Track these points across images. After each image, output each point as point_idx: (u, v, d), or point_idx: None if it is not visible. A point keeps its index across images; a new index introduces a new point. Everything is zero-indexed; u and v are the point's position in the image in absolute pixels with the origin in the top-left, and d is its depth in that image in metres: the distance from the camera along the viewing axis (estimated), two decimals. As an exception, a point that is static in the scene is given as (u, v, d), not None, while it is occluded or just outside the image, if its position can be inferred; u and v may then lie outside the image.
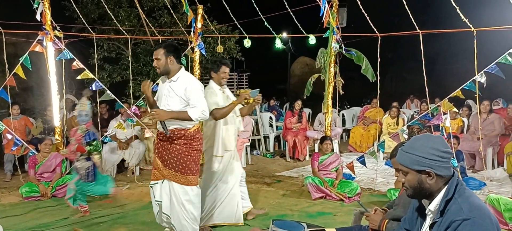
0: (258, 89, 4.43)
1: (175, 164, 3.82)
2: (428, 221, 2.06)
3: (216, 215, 4.50)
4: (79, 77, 6.39)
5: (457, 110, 7.10)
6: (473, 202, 1.90)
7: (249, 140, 8.46)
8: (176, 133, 3.81)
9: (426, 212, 2.07)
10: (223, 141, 4.34)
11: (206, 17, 7.46)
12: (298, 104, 9.01)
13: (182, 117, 3.71)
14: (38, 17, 6.13)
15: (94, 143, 4.74)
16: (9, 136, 6.23)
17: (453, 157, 5.39)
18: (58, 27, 6.34)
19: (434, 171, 1.95)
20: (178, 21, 8.36)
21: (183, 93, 3.70)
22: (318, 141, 6.80)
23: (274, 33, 6.95)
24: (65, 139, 6.66)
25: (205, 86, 4.16)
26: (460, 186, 1.96)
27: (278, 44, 7.04)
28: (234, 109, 4.38)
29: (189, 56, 6.92)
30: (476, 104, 6.65)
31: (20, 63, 6.04)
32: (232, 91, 14.85)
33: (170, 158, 3.83)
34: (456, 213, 1.86)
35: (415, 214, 2.19)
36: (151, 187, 4.06)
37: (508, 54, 5.01)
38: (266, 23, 6.80)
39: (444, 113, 5.54)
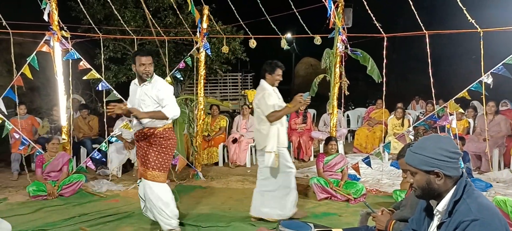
0: (308, 92, 4.59)
1: (145, 160, 4.12)
2: (435, 222, 2.06)
3: (281, 210, 4.60)
4: (85, 77, 6.43)
5: (463, 112, 7.08)
6: (482, 203, 1.90)
7: (253, 140, 8.45)
8: (145, 131, 4.13)
9: (434, 212, 2.07)
10: (278, 137, 4.50)
11: (212, 18, 7.47)
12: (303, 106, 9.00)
13: (157, 116, 4.04)
14: (45, 17, 6.17)
15: None
16: (16, 136, 6.27)
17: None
18: (65, 28, 6.38)
19: (443, 171, 1.96)
20: (183, 22, 8.38)
21: (156, 95, 4.05)
22: (323, 142, 6.80)
23: (280, 33, 6.96)
24: (71, 138, 6.71)
25: (207, 84, 4.35)
26: (469, 187, 1.96)
27: (284, 44, 7.04)
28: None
29: (195, 57, 6.94)
30: (482, 105, 6.63)
31: (27, 63, 6.09)
32: (236, 92, 14.86)
33: (142, 156, 4.15)
34: (465, 214, 1.86)
35: (423, 214, 2.19)
36: (138, 184, 4.36)
37: (515, 55, 5.00)
38: (271, 24, 6.80)
39: (450, 115, 5.52)
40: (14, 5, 8.95)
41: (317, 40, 6.67)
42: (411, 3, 5.46)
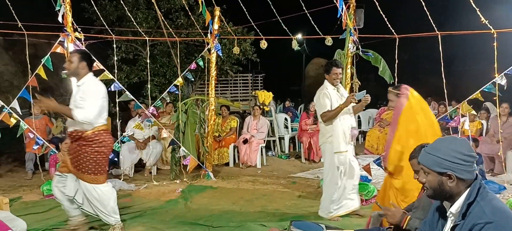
0: (365, 91, 4.61)
1: (77, 163, 4.06)
2: (449, 224, 2.05)
3: (344, 206, 4.77)
4: (98, 78, 6.49)
5: (475, 113, 7.01)
6: (496, 205, 1.88)
7: (264, 141, 8.48)
8: (74, 134, 4.05)
9: (448, 214, 2.05)
10: (343, 137, 4.59)
11: (223, 19, 7.51)
12: (313, 105, 9.01)
13: (66, 113, 4.01)
14: (60, 19, 6.25)
15: None
16: (31, 135, 6.37)
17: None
18: (78, 29, 6.46)
19: (456, 174, 1.94)
20: (195, 23, 8.43)
21: (79, 95, 3.99)
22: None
23: (290, 34, 6.96)
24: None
25: (217, 85, 4.40)
26: (483, 189, 1.94)
27: (294, 45, 7.04)
28: (348, 106, 4.58)
29: (206, 58, 6.98)
30: (496, 107, 6.55)
31: (41, 64, 6.18)
32: (247, 93, 14.89)
33: (73, 157, 4.08)
34: (479, 216, 1.85)
35: (436, 216, 2.18)
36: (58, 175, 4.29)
37: (529, 56, 4.94)
38: (282, 25, 6.81)
39: (463, 116, 5.48)
40: (29, 7, 9.09)
41: (328, 41, 6.66)
42: (423, 3, 5.42)
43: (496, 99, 5.42)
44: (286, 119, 10.21)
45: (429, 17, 5.47)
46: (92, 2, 7.42)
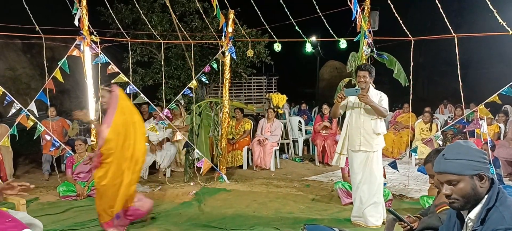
0: (358, 88, 4.43)
1: None
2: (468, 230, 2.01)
3: (355, 214, 4.73)
4: (113, 80, 6.57)
5: (492, 117, 6.88)
6: None
7: (278, 143, 8.47)
8: None
9: (466, 220, 2.00)
10: (348, 140, 4.64)
11: (237, 22, 7.53)
12: (325, 108, 8.97)
13: None
14: (76, 22, 6.35)
15: None
16: (48, 137, 6.47)
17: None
18: (95, 32, 6.55)
19: (487, 174, 1.89)
20: (209, 26, 8.47)
21: None
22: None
23: (304, 37, 6.95)
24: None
25: (231, 87, 4.39)
26: (502, 194, 1.90)
27: (308, 48, 7.02)
28: (366, 110, 4.53)
29: (220, 60, 7.00)
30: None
31: (58, 67, 6.28)
32: (260, 95, 14.82)
33: None
34: (498, 222, 1.81)
35: (453, 222, 2.14)
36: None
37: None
38: (296, 27, 6.79)
39: (480, 119, 5.38)
40: (47, 11, 9.25)
41: (343, 43, 6.62)
42: (439, 6, 5.35)
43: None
44: (300, 122, 10.18)
45: (446, 19, 5.39)
46: (108, 5, 7.50)
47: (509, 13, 5.65)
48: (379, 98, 4.52)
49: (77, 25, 6.38)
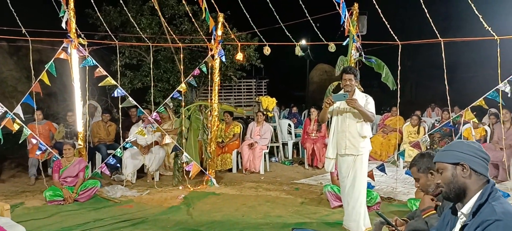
0: (345, 93, 4.39)
1: None
2: (459, 225, 2.06)
3: (346, 219, 4.65)
4: (101, 84, 6.53)
5: (477, 121, 6.97)
6: (507, 208, 1.90)
7: (267, 147, 8.47)
8: None
9: (459, 215, 2.07)
10: (334, 142, 4.62)
11: (227, 25, 7.53)
12: (313, 111, 8.98)
13: None
14: (63, 25, 6.29)
15: None
16: (34, 141, 6.39)
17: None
18: (82, 35, 6.49)
19: (469, 164, 1.99)
20: (198, 29, 8.45)
21: None
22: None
23: (294, 41, 6.97)
24: (87, 143, 6.81)
25: (221, 90, 4.32)
26: (495, 193, 1.97)
27: (298, 51, 7.05)
28: (351, 113, 4.50)
29: (209, 64, 6.99)
30: (500, 113, 6.52)
31: (45, 69, 6.21)
32: (250, 99, 14.79)
33: None
34: (489, 214, 1.87)
35: (446, 221, 2.19)
36: None
37: (533, 63, 4.91)
38: (286, 31, 6.82)
39: (466, 123, 5.45)
40: (33, 13, 9.14)
41: (331, 47, 6.66)
42: (426, 10, 5.42)
43: (500, 106, 5.38)
44: (289, 125, 10.20)
45: (432, 24, 5.45)
46: (96, 8, 7.45)
47: (495, 18, 5.74)
48: (365, 101, 4.51)
49: (64, 27, 6.32)
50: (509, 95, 5.14)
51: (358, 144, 4.50)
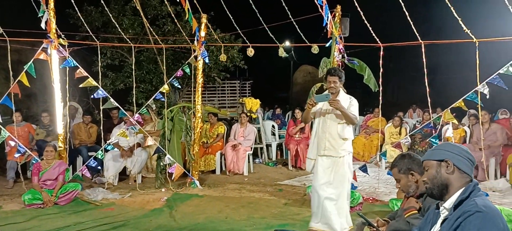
0: (329, 94, 4.37)
1: None
2: (441, 219, 2.11)
3: (318, 219, 4.51)
4: (82, 85, 6.43)
5: (457, 122, 7.09)
6: (488, 203, 1.96)
7: (251, 148, 8.46)
8: None
9: (441, 209, 2.12)
10: (316, 144, 4.57)
11: (210, 26, 7.49)
12: (298, 112, 9.02)
13: None
14: (43, 25, 6.18)
15: None
16: (12, 143, 6.25)
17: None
18: (62, 35, 6.39)
19: (453, 161, 2.07)
20: (181, 30, 8.40)
21: None
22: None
23: (277, 42, 6.98)
24: (68, 146, 6.69)
25: (205, 92, 4.26)
26: (477, 191, 2.03)
27: (281, 53, 7.07)
28: (333, 114, 4.46)
29: (193, 65, 6.95)
30: (479, 114, 6.65)
31: (24, 70, 6.08)
32: (234, 100, 14.76)
33: None
34: (470, 206, 1.93)
35: (429, 220, 2.23)
36: None
37: (510, 65, 5.02)
38: (269, 33, 6.83)
39: (446, 124, 5.54)
40: (12, 12, 8.96)
41: (315, 49, 6.69)
42: (407, 13, 5.49)
43: (478, 108, 5.48)
44: (273, 126, 10.21)
45: (413, 27, 5.52)
46: (76, 8, 7.33)
47: (474, 21, 5.84)
48: (349, 102, 4.49)
49: (43, 28, 6.20)
50: (487, 97, 5.23)
51: (338, 146, 4.47)
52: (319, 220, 4.48)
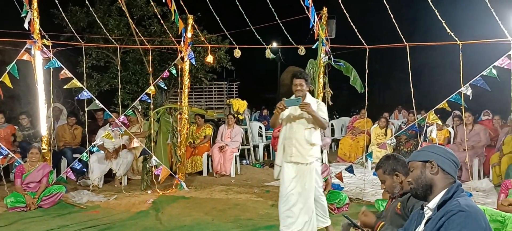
0: (299, 98, 4.23)
1: None
2: (425, 219, 2.14)
3: (288, 224, 4.32)
4: (66, 86, 6.34)
5: (441, 123, 7.19)
6: (470, 203, 2.01)
7: (238, 149, 8.45)
8: None
9: (425, 210, 2.16)
10: (282, 149, 4.43)
11: (196, 27, 7.46)
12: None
13: None
14: (26, 25, 6.07)
15: None
16: (-6, 145, 6.14)
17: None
18: (46, 36, 6.29)
19: (437, 162, 2.11)
20: (167, 31, 8.35)
21: None
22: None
23: (264, 43, 6.99)
24: (52, 148, 6.60)
25: (192, 93, 4.18)
26: (460, 192, 2.08)
27: (268, 54, 7.07)
28: (300, 118, 4.31)
29: (179, 66, 6.91)
30: (462, 115, 6.75)
31: (7, 71, 5.98)
32: (221, 101, 14.75)
33: None
34: (453, 206, 1.97)
35: (413, 220, 2.26)
36: None
37: (493, 67, 5.11)
38: (256, 34, 6.83)
39: (430, 125, 5.60)
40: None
41: (301, 50, 6.71)
42: (392, 16, 5.54)
43: (462, 109, 5.56)
44: (260, 127, 10.22)
45: (398, 29, 5.58)
46: (60, 8, 7.23)
47: (458, 24, 5.93)
48: (317, 107, 4.33)
49: (27, 28, 6.10)
50: (470, 98, 5.31)
51: (306, 152, 4.28)
52: (287, 225, 4.32)
